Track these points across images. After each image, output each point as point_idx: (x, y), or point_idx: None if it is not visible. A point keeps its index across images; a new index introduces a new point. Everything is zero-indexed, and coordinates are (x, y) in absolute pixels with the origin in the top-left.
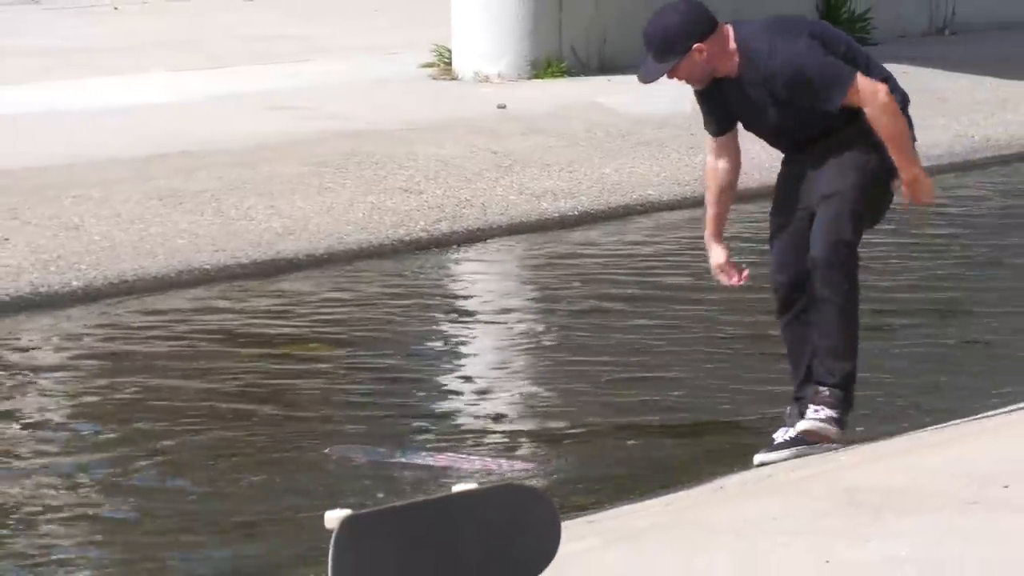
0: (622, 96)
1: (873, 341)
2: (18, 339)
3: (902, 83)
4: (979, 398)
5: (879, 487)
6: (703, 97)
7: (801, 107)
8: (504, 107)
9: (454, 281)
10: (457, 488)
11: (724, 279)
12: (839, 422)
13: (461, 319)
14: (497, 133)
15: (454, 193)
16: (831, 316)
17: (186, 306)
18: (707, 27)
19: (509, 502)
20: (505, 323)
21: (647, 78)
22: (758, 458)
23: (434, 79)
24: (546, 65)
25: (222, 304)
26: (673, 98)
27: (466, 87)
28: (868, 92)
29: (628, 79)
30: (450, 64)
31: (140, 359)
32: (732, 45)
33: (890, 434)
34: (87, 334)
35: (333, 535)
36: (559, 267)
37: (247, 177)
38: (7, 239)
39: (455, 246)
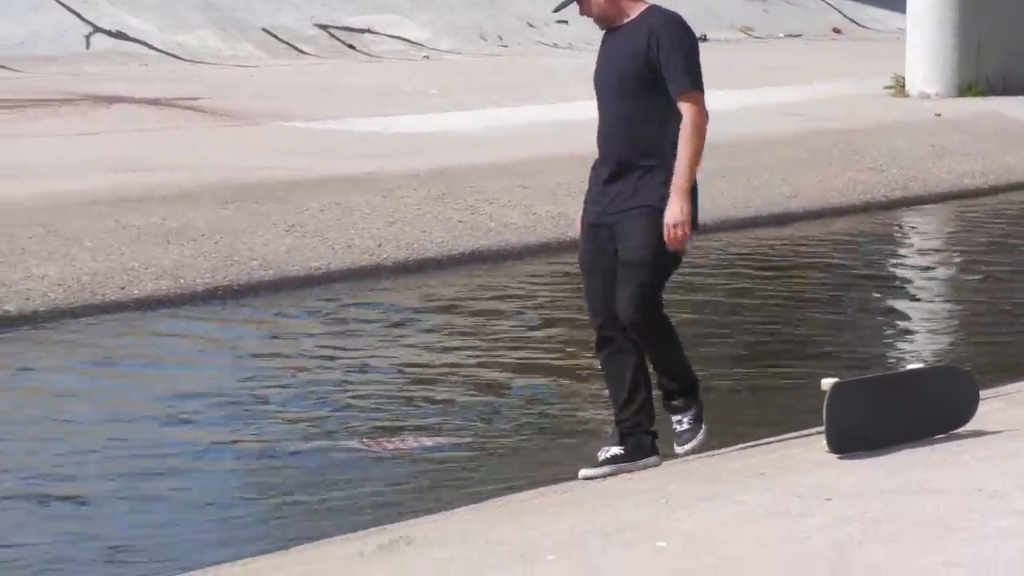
0: (1018, 109)
1: None
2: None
3: None
4: None
5: None
6: (602, 45)
7: (645, 81)
8: (939, 115)
9: (903, 234)
10: (910, 367)
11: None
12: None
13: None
14: (934, 132)
15: (904, 172)
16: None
17: (728, 241)
18: None
19: (946, 375)
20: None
21: (556, 8)
22: (583, 473)
23: (892, 96)
24: (967, 88)
25: (752, 241)
26: None
27: (914, 102)
28: (701, 104)
29: (1021, 99)
30: (903, 87)
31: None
32: (638, 5)
33: None
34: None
35: (827, 395)
36: (975, 230)
37: (762, 160)
38: (527, 205)
39: (904, 208)
